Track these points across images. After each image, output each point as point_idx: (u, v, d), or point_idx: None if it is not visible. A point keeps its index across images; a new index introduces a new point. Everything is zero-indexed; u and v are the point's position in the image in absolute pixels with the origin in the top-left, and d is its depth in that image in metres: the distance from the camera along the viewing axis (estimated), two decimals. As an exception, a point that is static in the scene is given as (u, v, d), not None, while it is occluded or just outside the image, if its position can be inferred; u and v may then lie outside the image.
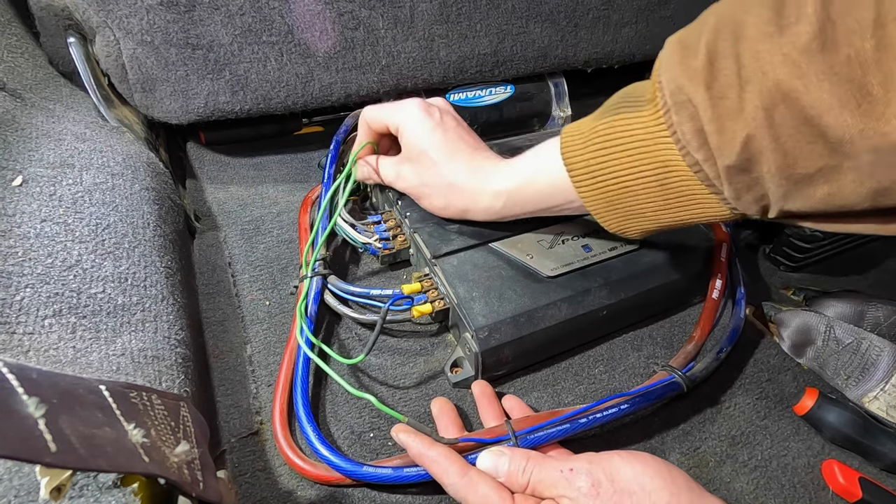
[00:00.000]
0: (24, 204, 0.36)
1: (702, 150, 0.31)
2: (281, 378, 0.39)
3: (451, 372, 0.42)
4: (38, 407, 0.18)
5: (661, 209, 0.35)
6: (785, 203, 0.31)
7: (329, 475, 0.35)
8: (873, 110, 0.25)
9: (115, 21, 0.47)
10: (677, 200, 0.34)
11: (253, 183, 0.58)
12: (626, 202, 0.36)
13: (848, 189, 0.28)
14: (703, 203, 0.34)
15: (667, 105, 0.32)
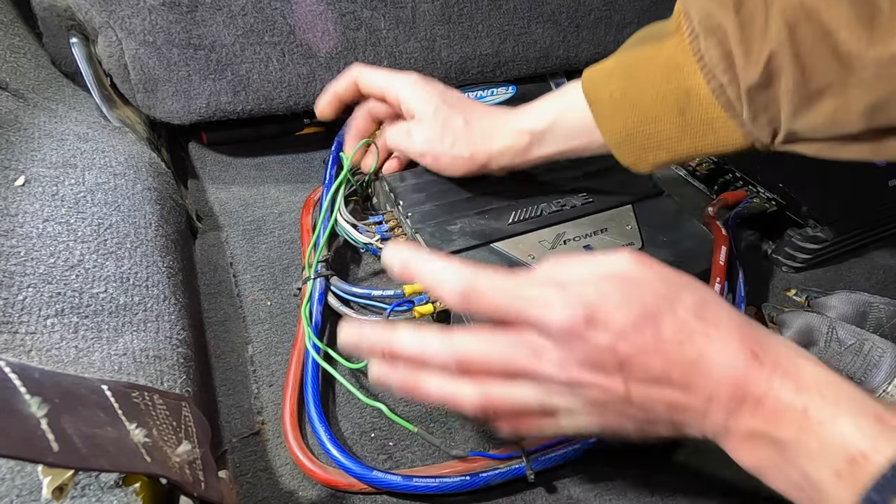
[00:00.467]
0: (27, 204, 0.36)
1: (728, 72, 0.33)
2: (290, 381, 0.39)
3: (452, 372, 0.42)
4: (40, 407, 0.18)
5: (678, 138, 0.37)
6: (793, 122, 0.33)
7: (341, 481, 0.35)
8: (881, 25, 0.28)
9: (117, 21, 0.47)
10: (695, 128, 0.36)
11: (255, 183, 0.58)
12: (644, 132, 0.37)
13: (851, 104, 0.30)
14: (719, 129, 0.36)
15: (694, 32, 0.34)
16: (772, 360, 0.25)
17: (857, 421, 0.23)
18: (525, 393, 0.27)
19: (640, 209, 0.49)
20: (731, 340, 0.26)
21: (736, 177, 0.59)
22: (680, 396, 0.25)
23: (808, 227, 0.53)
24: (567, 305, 0.25)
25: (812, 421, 0.23)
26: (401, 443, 0.38)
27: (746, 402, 0.25)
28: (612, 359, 0.25)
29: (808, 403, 0.24)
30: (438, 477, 0.35)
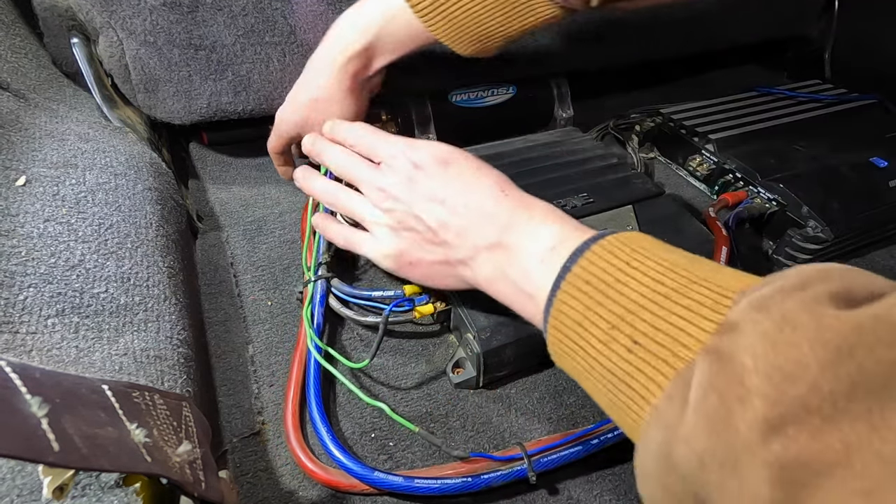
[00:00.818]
0: (28, 204, 0.36)
1: None
2: (291, 383, 0.39)
3: (452, 372, 0.42)
4: (41, 406, 0.18)
5: (504, 23, 0.42)
6: None
7: (342, 481, 0.35)
8: None
9: (118, 22, 0.47)
10: (514, 10, 0.41)
11: (255, 183, 0.58)
12: (471, 25, 0.42)
13: None
14: (537, 8, 0.41)
15: None
16: (515, 195, 0.34)
17: (562, 226, 0.31)
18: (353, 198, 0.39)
19: (641, 209, 0.49)
20: (488, 179, 0.35)
21: (736, 177, 0.59)
22: (447, 214, 0.34)
23: (808, 227, 0.53)
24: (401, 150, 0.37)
25: (531, 227, 0.32)
26: (401, 443, 0.38)
27: (493, 220, 0.33)
28: (408, 181, 0.36)
29: (532, 216, 0.33)
30: (440, 478, 0.35)
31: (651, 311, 0.23)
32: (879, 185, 0.56)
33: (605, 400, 0.25)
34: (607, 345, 0.24)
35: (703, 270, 0.24)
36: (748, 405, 0.17)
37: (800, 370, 0.16)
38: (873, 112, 0.70)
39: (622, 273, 0.25)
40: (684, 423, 0.19)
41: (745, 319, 0.19)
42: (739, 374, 0.18)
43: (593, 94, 0.77)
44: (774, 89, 0.73)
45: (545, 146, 0.56)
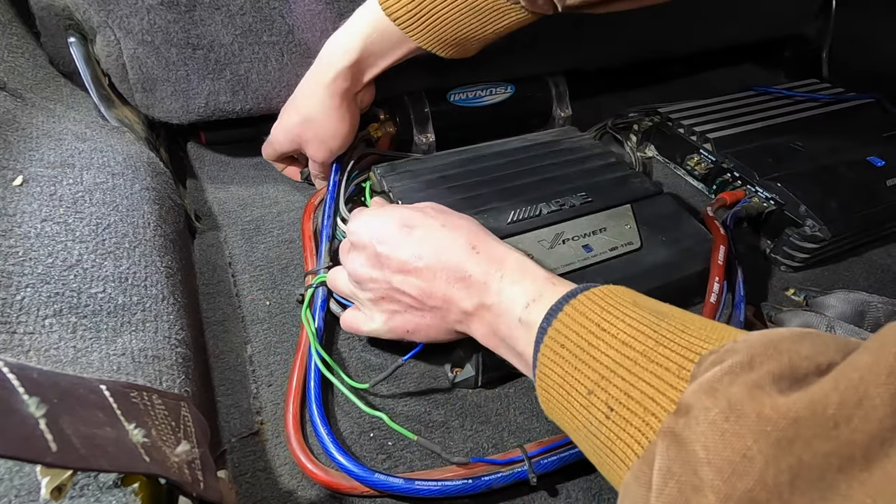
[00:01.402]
0: (25, 204, 0.36)
1: None
2: (292, 385, 0.39)
3: (451, 372, 0.42)
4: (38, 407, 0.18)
5: (478, 28, 0.44)
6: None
7: (343, 483, 0.35)
8: None
9: (115, 21, 0.47)
10: (488, 17, 0.44)
11: (253, 183, 0.58)
12: (449, 31, 0.44)
13: None
14: (508, 14, 0.43)
15: None
16: (485, 250, 0.34)
17: (533, 282, 0.32)
18: (339, 280, 0.40)
19: (639, 208, 0.49)
20: (458, 238, 0.35)
21: (734, 176, 0.59)
22: (427, 283, 0.34)
23: (806, 226, 0.53)
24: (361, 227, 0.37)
25: (504, 285, 0.32)
26: (400, 442, 0.38)
27: (470, 282, 0.33)
28: (376, 258, 0.36)
29: (503, 274, 0.33)
30: (441, 480, 0.35)
31: (622, 376, 0.25)
32: (877, 184, 0.57)
33: (595, 458, 0.27)
34: (587, 409, 0.26)
35: (668, 329, 0.25)
36: (703, 497, 0.18)
37: (746, 464, 0.18)
38: (870, 111, 0.71)
39: (594, 336, 0.27)
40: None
41: (697, 405, 0.20)
42: (694, 465, 0.19)
43: (591, 94, 0.77)
44: (772, 88, 0.73)
45: (543, 145, 0.56)
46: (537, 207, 0.47)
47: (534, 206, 0.47)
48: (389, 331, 0.38)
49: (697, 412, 0.20)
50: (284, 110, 0.51)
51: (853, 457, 0.16)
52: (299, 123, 0.49)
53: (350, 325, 0.40)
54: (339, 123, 0.48)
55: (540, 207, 0.47)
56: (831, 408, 0.17)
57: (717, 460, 0.18)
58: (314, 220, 0.52)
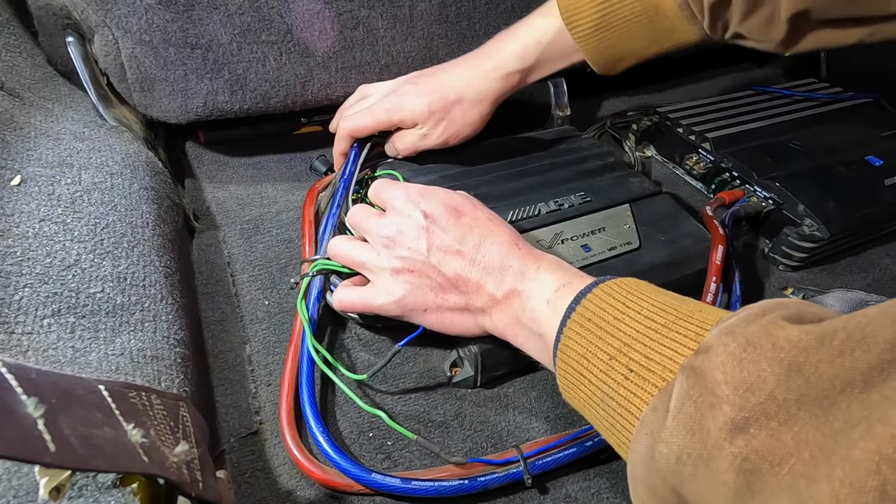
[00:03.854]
0: (23, 203, 0.36)
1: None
2: (286, 380, 0.39)
3: (450, 371, 0.42)
4: (37, 407, 0.18)
5: (647, 46, 0.46)
6: (740, 26, 0.42)
7: (339, 481, 0.35)
8: None
9: (113, 20, 0.47)
10: (661, 35, 0.45)
11: (252, 182, 0.58)
12: (619, 47, 0.46)
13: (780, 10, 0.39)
14: (680, 33, 0.45)
15: None
16: (525, 248, 0.37)
17: (565, 273, 0.35)
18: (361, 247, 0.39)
19: (638, 208, 0.49)
20: (503, 233, 0.37)
21: (733, 176, 0.59)
22: (465, 266, 0.36)
23: (804, 225, 0.53)
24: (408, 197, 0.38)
25: (540, 274, 0.35)
26: (399, 442, 0.38)
27: (507, 271, 0.35)
28: (420, 230, 0.36)
29: (540, 266, 0.35)
30: (437, 480, 0.35)
31: (644, 343, 0.27)
32: (875, 184, 0.57)
33: (605, 424, 0.28)
34: (607, 373, 0.28)
35: (688, 308, 0.28)
36: (718, 411, 0.21)
37: (760, 383, 0.20)
38: (869, 111, 0.71)
39: (619, 312, 0.29)
40: (665, 427, 0.23)
41: (717, 343, 0.23)
42: (711, 387, 0.21)
43: (591, 94, 0.77)
44: (771, 88, 0.73)
45: (542, 145, 0.56)
46: (536, 207, 0.47)
47: (533, 206, 0.47)
48: (404, 306, 0.37)
49: (717, 348, 0.22)
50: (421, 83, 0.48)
51: (854, 381, 0.18)
52: (451, 101, 0.47)
53: (356, 300, 0.39)
54: (482, 118, 0.49)
55: (539, 207, 0.47)
56: (837, 340, 0.19)
57: (734, 380, 0.21)
58: (316, 202, 0.51)
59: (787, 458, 0.18)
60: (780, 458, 0.18)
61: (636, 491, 0.25)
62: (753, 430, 0.19)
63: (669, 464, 0.22)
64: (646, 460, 0.24)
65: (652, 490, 0.24)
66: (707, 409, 0.21)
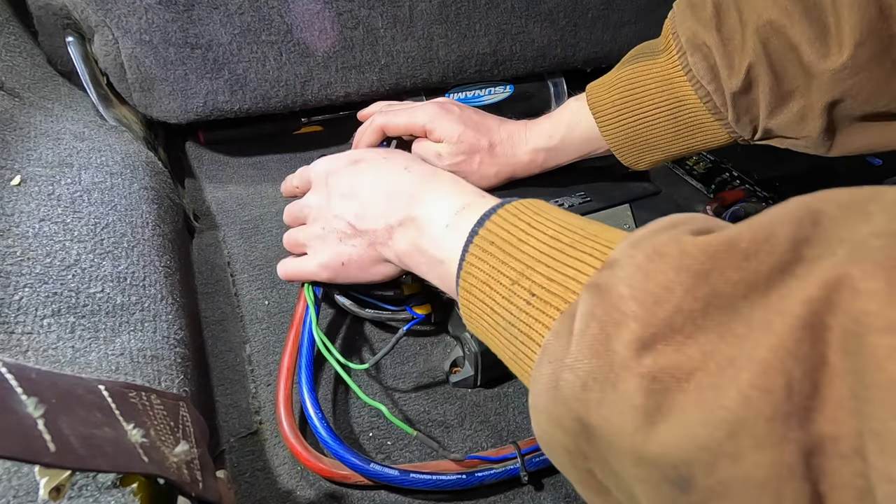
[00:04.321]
0: (23, 203, 0.36)
1: (713, 82, 0.39)
2: (284, 367, 0.38)
3: (450, 371, 0.42)
4: (37, 407, 0.18)
5: (672, 140, 0.43)
6: (769, 121, 0.39)
7: (336, 471, 0.35)
8: (831, 41, 0.34)
9: (113, 20, 0.47)
10: (687, 130, 0.42)
11: (252, 182, 0.58)
12: (643, 137, 0.43)
13: (813, 103, 0.36)
14: (707, 130, 0.42)
15: (682, 50, 0.40)
16: (418, 170, 0.36)
17: (464, 194, 0.33)
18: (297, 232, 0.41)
19: (638, 208, 0.49)
20: (394, 162, 0.38)
21: (733, 176, 0.59)
22: (361, 205, 0.36)
23: (804, 225, 0.53)
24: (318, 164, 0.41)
25: (434, 196, 0.34)
26: (399, 442, 0.38)
27: (399, 198, 0.35)
28: (324, 188, 0.38)
29: (433, 187, 0.34)
30: (435, 473, 0.35)
31: (547, 264, 0.25)
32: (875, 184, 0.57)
33: (508, 353, 0.27)
34: (509, 299, 0.26)
35: (595, 228, 0.26)
36: (624, 328, 0.19)
37: (667, 294, 0.19)
38: (869, 111, 0.71)
39: (524, 233, 0.27)
40: (569, 353, 0.21)
41: (622, 256, 0.22)
42: (616, 303, 0.20)
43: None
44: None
45: (542, 145, 0.56)
46: (536, 207, 0.47)
47: (533, 206, 0.47)
48: (327, 265, 0.38)
49: (622, 261, 0.21)
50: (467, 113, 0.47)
51: (756, 284, 0.18)
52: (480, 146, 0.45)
53: (291, 268, 0.41)
54: (490, 182, 0.47)
55: (539, 207, 0.47)
56: (743, 243, 0.18)
57: (641, 294, 0.19)
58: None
59: (694, 373, 0.18)
60: (687, 372, 0.18)
61: (538, 423, 0.23)
62: (660, 346, 0.18)
63: (575, 391, 0.20)
64: (549, 390, 0.22)
65: (555, 421, 0.22)
66: (612, 327, 0.20)
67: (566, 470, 0.23)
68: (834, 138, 0.38)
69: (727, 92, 0.39)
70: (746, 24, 0.37)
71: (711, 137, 0.43)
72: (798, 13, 0.35)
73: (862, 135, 0.38)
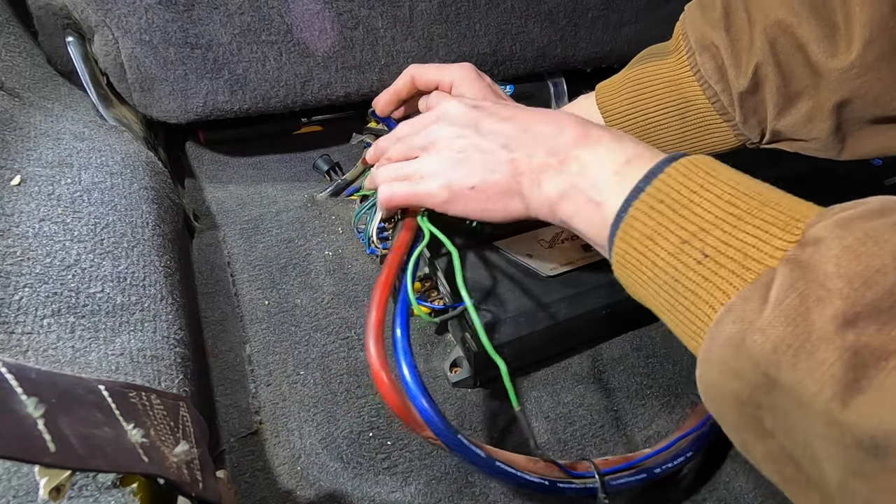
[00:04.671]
0: (23, 203, 0.36)
1: (721, 82, 0.39)
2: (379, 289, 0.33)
3: (450, 371, 0.42)
4: (37, 407, 0.18)
5: (680, 141, 0.43)
6: (777, 122, 0.38)
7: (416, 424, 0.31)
8: (840, 39, 0.34)
9: (113, 20, 0.47)
10: (695, 130, 0.42)
11: (252, 182, 0.58)
12: (651, 137, 0.43)
13: (822, 103, 0.36)
14: (714, 132, 0.42)
15: (692, 50, 0.40)
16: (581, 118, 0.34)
17: (635, 144, 0.31)
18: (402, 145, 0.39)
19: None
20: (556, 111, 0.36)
21: (733, 176, 0.59)
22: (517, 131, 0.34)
23: (804, 225, 0.53)
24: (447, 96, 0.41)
25: (603, 141, 0.32)
26: (399, 442, 0.38)
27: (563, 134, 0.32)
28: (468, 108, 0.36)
29: (603, 133, 0.32)
30: (520, 470, 0.32)
31: (722, 229, 0.25)
32: (875, 183, 0.57)
33: (667, 306, 0.27)
34: (676, 256, 0.26)
35: (774, 195, 0.26)
36: (828, 304, 0.20)
37: (878, 277, 0.19)
38: (869, 111, 0.71)
39: (695, 195, 0.27)
40: (762, 317, 0.22)
41: (829, 235, 0.22)
42: (822, 280, 0.21)
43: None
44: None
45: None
46: (536, 207, 0.47)
47: (533, 206, 0.47)
48: (451, 185, 0.34)
49: (830, 241, 0.21)
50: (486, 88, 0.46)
51: None
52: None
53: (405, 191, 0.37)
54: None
55: (539, 207, 0.47)
56: None
57: (849, 274, 0.20)
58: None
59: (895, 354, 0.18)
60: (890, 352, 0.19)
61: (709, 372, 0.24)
62: (863, 325, 0.19)
63: (765, 351, 0.21)
64: (730, 346, 0.23)
65: (734, 371, 0.23)
66: (814, 302, 0.21)
67: (728, 415, 0.24)
68: (844, 141, 0.38)
69: (734, 92, 0.39)
70: (755, 25, 0.37)
71: (719, 139, 0.42)
72: (806, 12, 0.34)
73: (874, 138, 0.37)
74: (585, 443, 0.40)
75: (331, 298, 0.47)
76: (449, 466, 0.38)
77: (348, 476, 0.36)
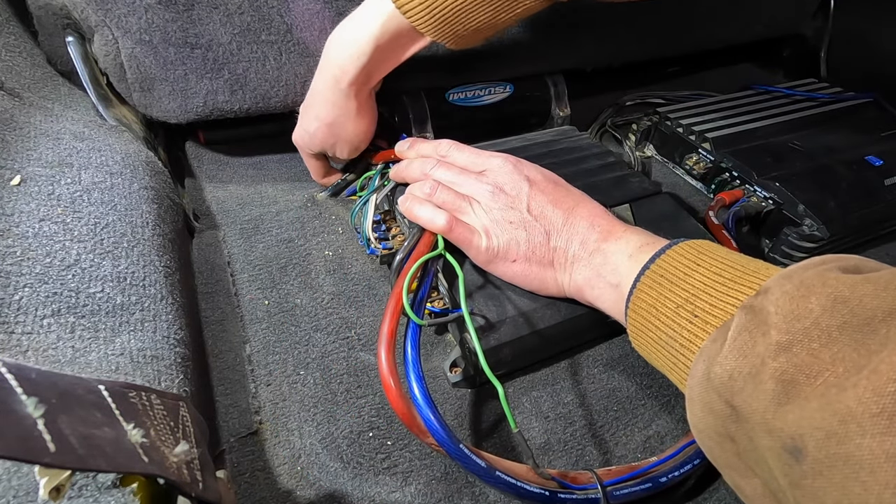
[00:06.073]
0: (23, 203, 0.36)
1: None
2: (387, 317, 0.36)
3: (450, 372, 0.42)
4: (36, 407, 0.18)
5: (492, 18, 0.43)
6: None
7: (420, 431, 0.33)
8: None
9: (113, 20, 0.47)
10: (501, 4, 0.42)
11: (252, 182, 0.58)
12: (461, 20, 0.43)
13: None
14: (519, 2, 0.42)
15: None
16: (612, 217, 0.40)
17: (647, 235, 0.38)
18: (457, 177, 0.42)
19: (638, 208, 0.49)
20: (593, 203, 0.41)
21: (733, 176, 0.59)
22: (562, 224, 0.39)
23: (804, 225, 0.53)
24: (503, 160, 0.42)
25: (625, 235, 0.38)
26: (399, 442, 0.38)
27: (595, 231, 0.39)
28: (521, 187, 0.40)
29: (626, 228, 0.39)
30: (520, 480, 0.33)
31: (710, 294, 0.30)
32: (875, 184, 0.57)
33: (668, 364, 0.32)
34: (673, 319, 0.31)
35: (755, 265, 0.30)
36: (767, 336, 0.24)
37: (806, 313, 0.23)
38: (868, 110, 0.71)
39: (689, 268, 0.32)
40: (721, 353, 0.26)
41: (774, 285, 0.26)
42: (764, 318, 0.25)
43: (590, 93, 0.77)
44: (771, 88, 0.73)
45: (542, 145, 0.56)
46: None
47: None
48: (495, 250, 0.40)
49: (774, 289, 0.26)
50: (304, 118, 0.50)
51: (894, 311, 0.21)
52: (324, 129, 0.49)
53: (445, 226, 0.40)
54: (363, 123, 0.49)
55: (539, 207, 0.47)
56: (883, 280, 0.22)
57: (784, 311, 0.24)
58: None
59: (823, 372, 0.21)
60: (817, 371, 0.21)
61: (693, 411, 0.28)
62: (796, 350, 0.23)
63: (723, 380, 0.25)
64: (702, 381, 0.27)
65: (707, 406, 0.27)
66: (759, 336, 0.24)
67: (713, 450, 0.28)
68: None
69: None
70: None
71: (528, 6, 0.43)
72: None
73: None
74: (585, 443, 0.40)
75: (331, 298, 0.47)
76: (449, 466, 0.37)
77: (348, 476, 0.36)
